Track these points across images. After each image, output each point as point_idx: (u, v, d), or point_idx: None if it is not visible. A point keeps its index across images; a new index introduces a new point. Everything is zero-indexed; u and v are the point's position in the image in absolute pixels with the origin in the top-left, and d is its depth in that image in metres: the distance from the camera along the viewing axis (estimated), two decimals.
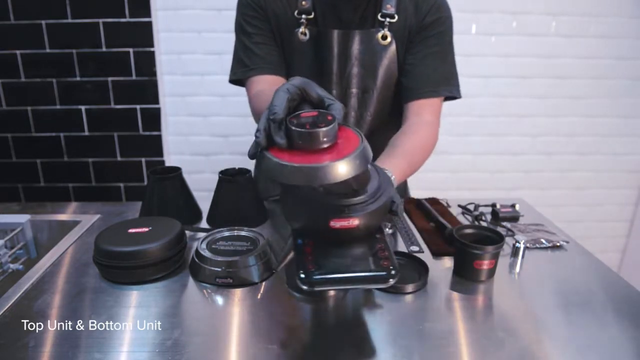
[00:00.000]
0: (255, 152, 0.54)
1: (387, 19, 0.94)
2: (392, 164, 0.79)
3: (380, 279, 0.52)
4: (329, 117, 0.51)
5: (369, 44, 0.96)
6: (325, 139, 0.50)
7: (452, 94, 0.99)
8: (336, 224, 0.51)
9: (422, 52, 0.97)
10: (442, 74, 0.98)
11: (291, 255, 0.62)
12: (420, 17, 0.95)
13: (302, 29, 0.95)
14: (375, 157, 0.81)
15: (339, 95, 1.00)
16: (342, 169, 0.48)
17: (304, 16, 0.94)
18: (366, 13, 0.96)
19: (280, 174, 0.49)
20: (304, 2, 0.94)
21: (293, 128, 0.50)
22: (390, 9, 0.94)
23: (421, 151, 0.92)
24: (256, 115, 0.95)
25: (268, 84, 0.95)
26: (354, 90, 0.99)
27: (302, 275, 0.51)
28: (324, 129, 0.50)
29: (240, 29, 0.99)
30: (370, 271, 0.52)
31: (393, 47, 0.97)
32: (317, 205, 0.51)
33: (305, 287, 0.51)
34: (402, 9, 0.96)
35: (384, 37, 0.95)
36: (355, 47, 0.97)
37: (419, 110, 0.98)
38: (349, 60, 0.97)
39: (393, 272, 0.51)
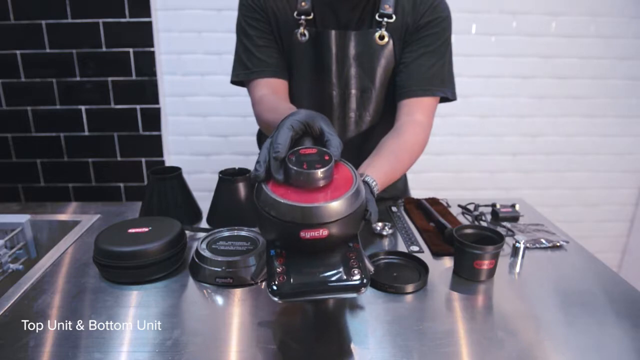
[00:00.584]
0: (255, 181, 0.56)
1: (385, 19, 0.94)
2: (375, 169, 0.78)
3: (351, 288, 0.52)
4: (326, 157, 0.53)
5: (366, 44, 0.96)
6: (321, 179, 0.52)
7: (446, 95, 0.97)
8: (306, 234, 0.50)
9: (417, 52, 0.96)
10: (436, 73, 0.96)
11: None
12: (417, 17, 0.95)
13: (301, 30, 0.95)
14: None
15: (338, 96, 1.00)
16: (335, 209, 0.50)
17: (303, 17, 0.95)
18: (364, 14, 0.96)
19: (275, 209, 0.51)
20: (303, 3, 0.94)
21: (290, 166, 0.52)
22: (388, 9, 0.93)
23: (408, 153, 0.90)
24: (260, 121, 0.95)
25: (270, 88, 0.96)
26: (353, 91, 0.99)
27: (274, 287, 0.51)
28: (321, 169, 0.51)
29: (242, 30, 0.98)
30: (341, 281, 0.52)
31: (390, 46, 0.97)
32: (290, 217, 0.50)
33: (276, 299, 0.51)
34: (400, 8, 0.95)
35: (382, 37, 0.95)
36: (353, 47, 0.97)
37: (411, 110, 0.96)
38: (347, 60, 0.97)
39: (365, 280, 0.52)
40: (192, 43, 1.76)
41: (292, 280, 0.52)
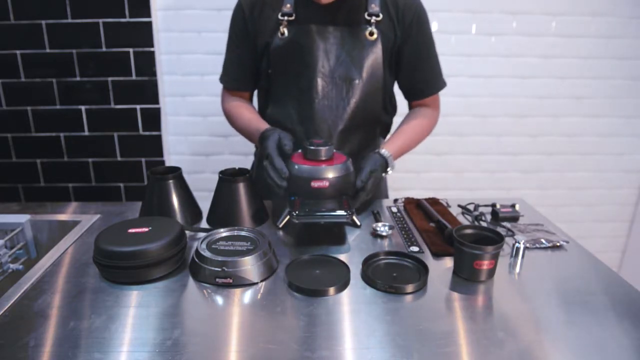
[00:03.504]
0: (289, 214, 0.86)
1: (374, 17, 1.02)
2: (391, 145, 1.05)
3: (341, 216, 0.82)
4: (329, 143, 0.89)
5: (356, 38, 1.02)
6: (324, 154, 0.87)
7: (444, 85, 1.14)
8: (315, 184, 0.85)
9: (415, 58, 1.08)
10: (435, 72, 1.12)
11: (288, 217, 0.93)
12: (405, 26, 1.04)
13: (281, 29, 1.02)
14: (364, 142, 1.11)
15: (320, 83, 1.03)
16: (332, 170, 0.86)
17: (286, 18, 1.01)
18: (352, 12, 1.02)
19: (298, 170, 0.86)
20: (288, 5, 1.01)
21: (308, 147, 0.87)
22: (374, 8, 1.02)
23: (419, 132, 1.14)
24: (225, 113, 1.19)
25: (236, 94, 1.18)
26: (336, 80, 1.03)
27: (294, 214, 0.81)
28: (324, 147, 0.87)
29: (229, 38, 1.11)
30: (335, 210, 0.82)
31: (379, 44, 1.02)
32: (305, 174, 0.86)
33: (296, 221, 0.82)
34: (385, 13, 1.03)
35: (371, 34, 1.02)
36: (340, 41, 1.02)
37: (423, 102, 1.16)
38: (332, 52, 1.02)
39: (350, 212, 0.82)
40: (192, 43, 1.76)
41: (305, 210, 0.82)
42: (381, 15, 1.02)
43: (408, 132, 1.11)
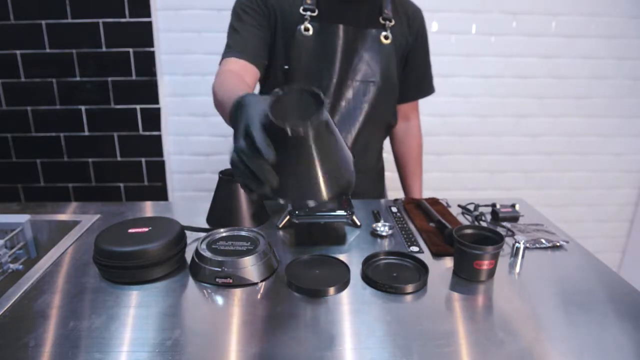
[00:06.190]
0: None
1: (387, 22, 1.03)
2: (414, 189, 1.24)
3: (342, 216, 0.84)
4: None
5: (372, 41, 1.03)
6: None
7: (433, 91, 1.21)
8: None
9: (414, 63, 1.13)
10: (428, 78, 1.18)
11: (288, 217, 0.92)
12: (413, 34, 1.09)
13: (305, 25, 1.00)
14: (371, 144, 1.14)
15: (338, 85, 1.04)
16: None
17: (308, 13, 0.99)
18: (370, 15, 1.03)
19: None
20: (309, 0, 1.00)
21: None
22: (387, 13, 1.03)
23: (419, 155, 1.25)
24: (214, 91, 0.90)
25: (239, 66, 0.96)
26: (356, 82, 1.04)
27: (294, 214, 0.83)
28: None
29: (236, 15, 1.00)
30: (335, 210, 0.84)
31: (392, 48, 1.04)
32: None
33: (296, 221, 0.84)
34: (397, 19, 1.05)
35: (386, 37, 1.03)
36: (359, 42, 1.02)
37: (408, 114, 1.22)
38: (352, 54, 1.02)
39: (350, 212, 0.85)
40: (192, 43, 1.77)
41: (306, 209, 0.84)
42: (394, 21, 1.04)
43: (419, 169, 1.25)
